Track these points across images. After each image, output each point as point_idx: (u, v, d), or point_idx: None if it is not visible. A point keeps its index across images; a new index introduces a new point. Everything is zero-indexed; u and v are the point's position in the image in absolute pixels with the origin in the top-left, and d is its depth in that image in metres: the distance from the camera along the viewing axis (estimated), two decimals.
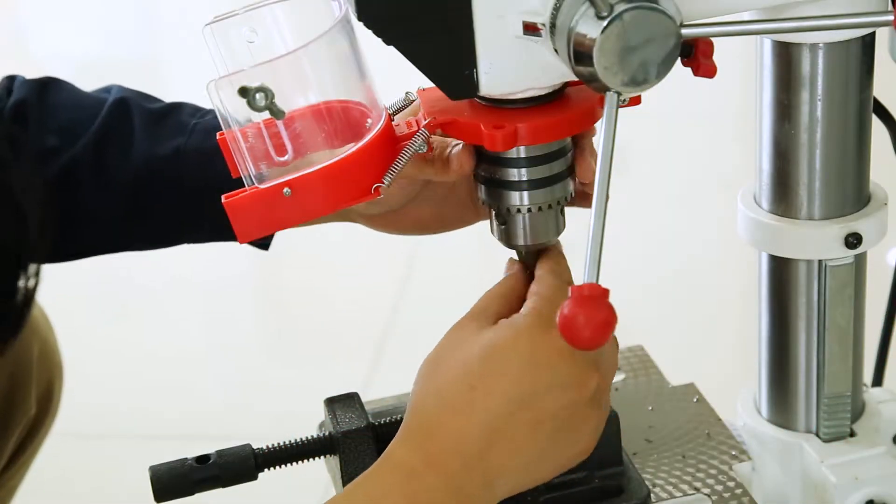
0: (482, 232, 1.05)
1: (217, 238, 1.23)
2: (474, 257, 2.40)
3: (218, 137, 0.97)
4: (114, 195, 1.20)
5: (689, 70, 0.92)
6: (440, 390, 0.92)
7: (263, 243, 1.23)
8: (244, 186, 0.93)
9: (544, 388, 0.91)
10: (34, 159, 1.17)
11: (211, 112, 1.21)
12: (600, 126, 0.86)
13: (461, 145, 0.97)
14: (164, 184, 1.19)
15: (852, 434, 1.12)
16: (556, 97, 0.93)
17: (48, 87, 1.23)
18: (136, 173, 1.19)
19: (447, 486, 0.90)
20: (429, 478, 0.90)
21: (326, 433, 1.03)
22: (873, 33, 1.01)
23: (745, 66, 1.17)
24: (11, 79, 1.24)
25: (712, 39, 0.91)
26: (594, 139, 0.98)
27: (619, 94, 0.85)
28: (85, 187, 1.20)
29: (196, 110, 1.22)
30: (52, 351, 1.52)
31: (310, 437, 1.03)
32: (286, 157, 0.93)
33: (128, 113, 1.21)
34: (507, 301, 0.97)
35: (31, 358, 1.46)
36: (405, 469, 0.91)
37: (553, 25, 0.86)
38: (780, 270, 1.09)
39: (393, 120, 0.97)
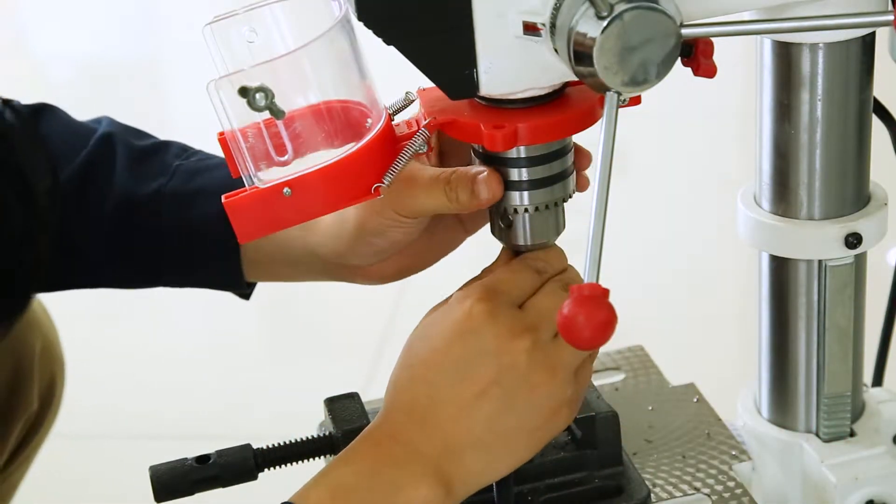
0: (482, 232, 1.05)
1: (194, 283, 1.23)
2: (474, 258, 2.40)
3: (218, 137, 0.97)
4: (95, 230, 1.19)
5: (689, 70, 0.92)
6: (393, 372, 0.95)
7: (245, 293, 1.23)
8: (244, 186, 0.93)
9: (474, 354, 0.91)
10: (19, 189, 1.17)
11: (198, 153, 1.21)
12: (600, 126, 0.86)
13: (486, 172, 0.94)
14: (143, 224, 1.18)
15: (852, 434, 1.12)
16: (556, 97, 0.93)
17: (40, 115, 1.23)
18: (116, 211, 1.18)
19: (407, 451, 0.92)
20: (391, 447, 0.92)
21: (326, 433, 1.03)
22: (873, 33, 1.01)
23: (745, 66, 1.17)
24: (6, 102, 1.22)
25: (712, 39, 0.91)
26: (594, 139, 0.98)
27: (619, 94, 0.85)
28: (67, 219, 1.19)
29: (182, 150, 1.21)
30: (54, 347, 1.53)
31: (310, 437, 1.03)
32: (286, 157, 0.93)
33: (112, 149, 1.20)
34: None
35: (33, 353, 1.47)
36: (372, 440, 0.94)
37: (553, 25, 0.86)
38: (780, 270, 1.09)
39: (393, 120, 0.97)
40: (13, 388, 1.46)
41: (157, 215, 1.18)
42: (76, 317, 2.34)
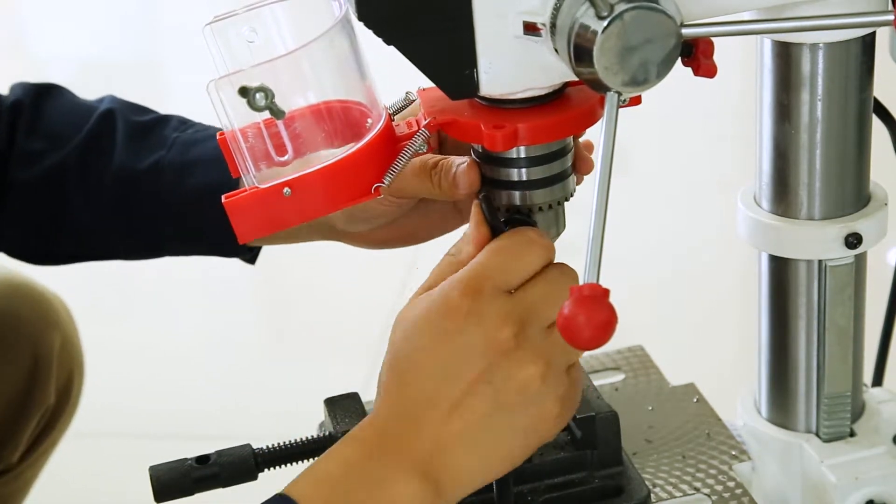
0: None
1: (197, 251, 1.24)
2: None
3: (218, 137, 0.97)
4: (97, 204, 1.22)
5: (689, 70, 0.92)
6: (381, 371, 0.93)
7: (251, 258, 1.24)
8: (244, 186, 0.93)
9: (460, 352, 0.89)
10: (20, 160, 1.20)
11: (196, 125, 1.23)
12: (600, 126, 0.86)
13: (466, 163, 0.96)
14: (144, 197, 1.20)
15: (852, 434, 1.12)
16: (555, 97, 0.93)
17: (46, 93, 1.26)
18: (117, 184, 1.21)
19: (395, 449, 0.89)
20: (378, 443, 0.90)
21: (326, 433, 1.03)
22: (873, 33, 1.01)
23: (745, 66, 1.17)
24: (18, 85, 1.27)
25: (712, 39, 0.91)
26: (594, 140, 0.98)
27: (619, 94, 0.85)
28: (70, 193, 1.22)
29: (181, 123, 1.23)
30: (73, 346, 1.57)
31: (310, 437, 1.03)
32: (286, 157, 0.93)
33: (112, 125, 1.23)
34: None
35: (52, 348, 1.51)
36: (359, 437, 0.91)
37: (553, 25, 0.86)
38: (780, 270, 1.09)
39: (393, 120, 0.97)
40: (31, 380, 1.50)
41: (156, 187, 1.20)
42: (75, 317, 2.34)
